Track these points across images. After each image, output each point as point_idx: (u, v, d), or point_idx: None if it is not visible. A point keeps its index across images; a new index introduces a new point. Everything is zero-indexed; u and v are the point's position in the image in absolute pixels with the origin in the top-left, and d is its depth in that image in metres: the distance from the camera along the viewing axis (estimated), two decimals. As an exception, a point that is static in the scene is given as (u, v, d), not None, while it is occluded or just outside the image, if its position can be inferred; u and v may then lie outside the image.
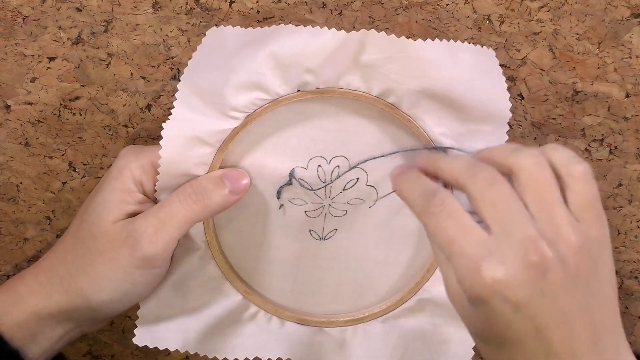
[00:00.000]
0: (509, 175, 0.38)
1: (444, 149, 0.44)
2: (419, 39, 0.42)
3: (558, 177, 0.38)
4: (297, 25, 0.42)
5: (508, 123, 0.45)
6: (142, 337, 0.45)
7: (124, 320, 0.53)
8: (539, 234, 0.36)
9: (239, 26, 0.43)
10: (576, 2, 0.44)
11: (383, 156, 0.45)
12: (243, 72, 0.42)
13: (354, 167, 0.45)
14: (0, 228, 0.51)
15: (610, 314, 0.38)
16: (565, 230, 0.36)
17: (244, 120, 0.43)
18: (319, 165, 0.45)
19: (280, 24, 0.45)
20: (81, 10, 0.45)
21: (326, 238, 0.47)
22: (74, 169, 0.49)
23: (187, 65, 0.43)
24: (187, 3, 0.45)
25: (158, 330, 0.45)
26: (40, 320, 0.44)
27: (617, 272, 0.50)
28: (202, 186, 0.43)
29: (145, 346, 0.45)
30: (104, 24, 0.45)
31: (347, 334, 0.48)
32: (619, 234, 0.49)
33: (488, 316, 0.36)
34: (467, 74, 0.43)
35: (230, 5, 0.45)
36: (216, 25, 0.45)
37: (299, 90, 0.43)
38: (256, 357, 0.46)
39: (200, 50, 0.43)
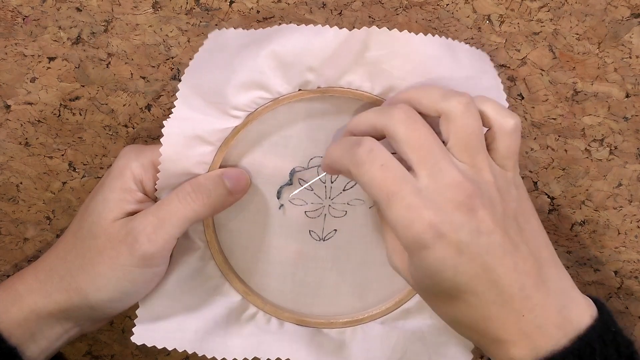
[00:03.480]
0: (434, 116, 0.39)
1: None
2: (421, 34, 0.42)
3: (488, 126, 0.39)
4: (298, 25, 0.42)
5: None
6: (141, 335, 0.45)
7: (124, 320, 0.53)
8: (463, 176, 0.37)
9: (240, 28, 0.43)
10: (576, 2, 0.44)
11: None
12: (245, 72, 0.42)
13: None
14: (0, 228, 0.51)
15: (544, 245, 0.40)
16: (486, 172, 0.38)
17: (244, 119, 0.43)
18: (319, 165, 0.45)
19: (280, 23, 0.45)
20: (81, 10, 0.45)
21: (326, 239, 0.47)
22: (74, 169, 0.49)
23: (187, 65, 0.43)
24: (187, 3, 0.45)
25: (156, 329, 0.45)
26: (40, 319, 0.44)
27: (616, 272, 0.50)
28: (202, 185, 0.43)
29: (145, 346, 0.45)
30: (104, 24, 0.45)
31: (346, 335, 0.48)
32: (619, 234, 0.49)
33: (435, 265, 0.37)
34: (466, 71, 0.43)
35: (230, 5, 0.45)
36: (216, 25, 0.45)
37: (300, 90, 0.43)
38: (255, 357, 0.46)
39: (202, 51, 0.43)
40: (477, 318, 0.38)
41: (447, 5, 0.45)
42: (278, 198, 0.46)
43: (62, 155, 0.49)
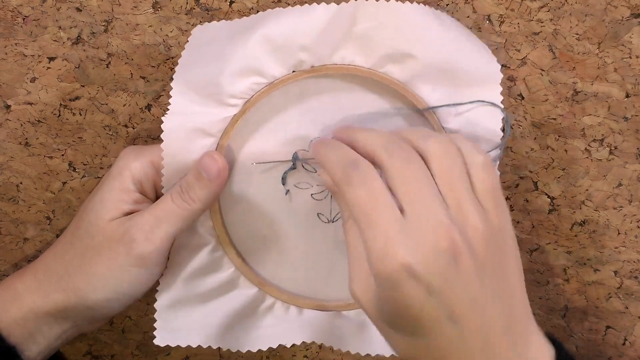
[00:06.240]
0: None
1: (436, 108, 0.44)
2: (407, 2, 0.42)
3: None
4: (284, 8, 0.42)
5: (502, 97, 0.44)
6: (163, 337, 0.45)
7: (124, 320, 0.53)
8: (450, 221, 0.36)
9: (223, 20, 0.43)
10: (576, 2, 0.44)
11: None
12: (238, 59, 0.42)
13: None
14: (0, 228, 0.51)
15: (519, 300, 0.39)
16: (473, 218, 0.37)
17: (242, 106, 0.43)
18: None
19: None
20: (81, 10, 0.45)
21: (335, 220, 0.47)
22: (74, 169, 0.49)
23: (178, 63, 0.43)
24: (187, 3, 0.45)
25: (177, 328, 0.45)
26: (38, 318, 0.44)
27: (616, 272, 0.50)
28: (188, 182, 0.43)
29: (145, 346, 0.45)
30: (104, 24, 0.45)
31: (365, 315, 0.48)
32: (619, 234, 0.49)
33: (401, 299, 0.36)
34: (454, 34, 0.43)
35: (230, 5, 0.45)
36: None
37: (294, 71, 0.43)
38: (280, 344, 0.46)
39: (189, 47, 0.43)
40: None
41: (447, 5, 0.45)
42: (283, 184, 0.46)
43: (62, 155, 0.49)
